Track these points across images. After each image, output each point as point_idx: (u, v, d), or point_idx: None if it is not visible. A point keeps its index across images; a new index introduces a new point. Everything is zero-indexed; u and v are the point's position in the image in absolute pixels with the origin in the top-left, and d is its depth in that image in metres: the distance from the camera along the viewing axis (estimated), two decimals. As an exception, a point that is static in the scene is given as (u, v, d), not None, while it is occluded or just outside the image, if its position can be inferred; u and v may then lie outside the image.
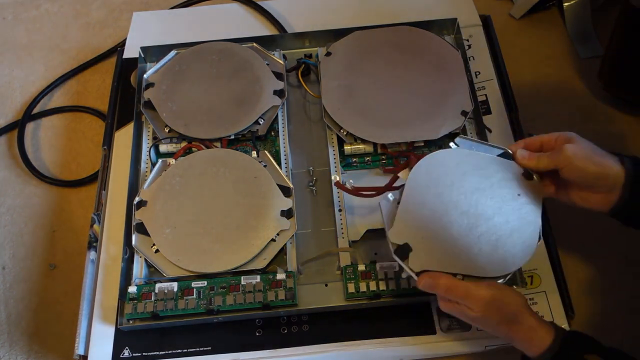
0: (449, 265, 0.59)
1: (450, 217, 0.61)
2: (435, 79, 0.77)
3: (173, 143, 0.77)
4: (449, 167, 0.64)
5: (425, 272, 0.59)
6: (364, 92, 0.77)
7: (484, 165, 0.64)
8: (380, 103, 0.76)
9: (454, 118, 0.74)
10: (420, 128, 0.73)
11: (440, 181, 0.63)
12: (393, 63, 0.79)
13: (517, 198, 0.63)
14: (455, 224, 0.61)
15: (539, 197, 0.63)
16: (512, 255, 0.60)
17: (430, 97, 0.76)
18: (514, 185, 0.63)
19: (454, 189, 0.63)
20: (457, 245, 0.60)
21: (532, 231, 0.62)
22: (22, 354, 0.74)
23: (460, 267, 0.59)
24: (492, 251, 0.60)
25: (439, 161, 0.64)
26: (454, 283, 0.58)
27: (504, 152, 0.65)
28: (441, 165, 0.64)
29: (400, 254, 0.60)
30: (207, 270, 0.66)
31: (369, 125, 0.74)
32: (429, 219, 0.61)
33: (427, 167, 0.64)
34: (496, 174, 0.64)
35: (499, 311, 0.57)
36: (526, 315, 0.57)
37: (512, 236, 0.61)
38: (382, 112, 0.75)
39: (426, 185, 0.63)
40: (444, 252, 0.60)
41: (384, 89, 0.77)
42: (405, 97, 0.76)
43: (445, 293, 0.58)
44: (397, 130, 0.74)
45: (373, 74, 0.78)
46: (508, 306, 0.57)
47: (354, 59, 0.80)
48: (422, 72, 0.78)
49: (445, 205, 0.62)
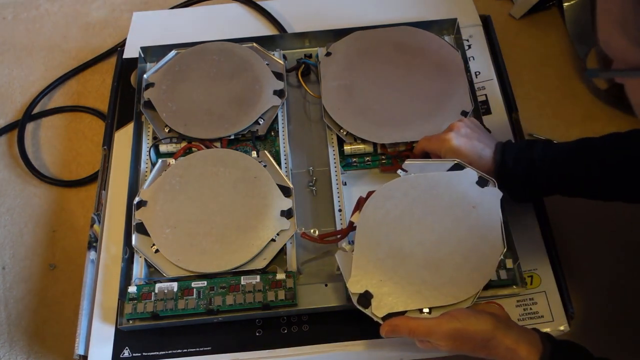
0: (413, 302, 0.58)
1: (406, 252, 0.60)
2: (435, 79, 0.77)
3: (173, 143, 0.77)
4: (398, 198, 0.62)
5: (390, 315, 0.58)
6: (364, 92, 0.77)
7: (434, 185, 0.63)
8: (380, 103, 0.76)
9: (454, 118, 0.74)
10: (420, 128, 0.73)
11: (389, 216, 0.61)
12: (393, 63, 0.79)
13: (473, 211, 0.61)
14: (412, 257, 0.60)
15: (496, 202, 0.62)
16: (479, 271, 0.59)
17: (431, 97, 0.76)
18: (468, 198, 0.62)
19: (405, 220, 0.61)
20: (419, 279, 0.59)
21: (495, 240, 0.60)
22: (22, 354, 0.74)
23: (425, 300, 0.58)
24: (457, 274, 0.59)
25: (386, 195, 0.63)
26: (414, 324, 0.56)
27: (455, 164, 0.64)
28: (389, 198, 0.63)
29: (363, 304, 0.59)
30: (207, 270, 0.66)
31: (369, 125, 0.74)
32: (385, 260, 0.60)
33: (374, 205, 0.62)
34: (448, 191, 0.62)
35: (468, 341, 0.54)
36: (500, 338, 0.53)
37: (475, 251, 0.59)
38: (382, 112, 0.75)
39: (377, 225, 0.61)
40: (406, 289, 0.59)
41: (384, 89, 0.77)
42: (405, 97, 0.76)
43: (410, 335, 0.57)
44: (397, 130, 0.74)
45: (373, 74, 0.78)
46: (475, 334, 0.54)
47: (354, 59, 0.80)
48: (422, 72, 0.78)
49: (399, 241, 0.60)
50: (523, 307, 0.66)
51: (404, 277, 0.59)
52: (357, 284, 0.60)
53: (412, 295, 0.59)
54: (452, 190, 0.63)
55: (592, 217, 0.64)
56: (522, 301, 0.67)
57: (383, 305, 0.59)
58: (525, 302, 0.67)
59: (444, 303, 0.59)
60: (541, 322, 0.65)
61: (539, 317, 0.66)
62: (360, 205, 0.63)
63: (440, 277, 0.59)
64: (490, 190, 0.63)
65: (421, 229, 0.61)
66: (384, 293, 0.59)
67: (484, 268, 0.59)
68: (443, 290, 0.59)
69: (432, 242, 0.60)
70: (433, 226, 0.61)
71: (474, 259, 0.59)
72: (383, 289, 0.59)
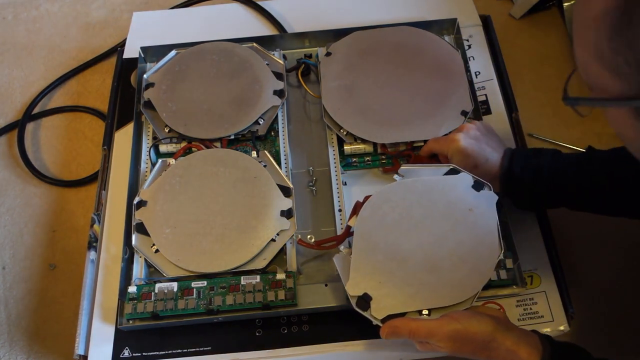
0: (412, 303, 0.58)
1: (404, 254, 0.60)
2: (435, 78, 0.77)
3: (173, 143, 0.77)
4: (395, 202, 0.63)
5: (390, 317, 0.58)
6: (364, 92, 0.77)
7: (430, 190, 0.63)
8: (380, 103, 0.76)
9: (454, 118, 0.74)
10: (420, 128, 0.73)
11: (387, 220, 0.62)
12: (393, 63, 0.79)
13: (469, 214, 0.61)
14: (411, 259, 0.60)
15: (492, 205, 0.62)
16: (478, 272, 0.59)
17: (431, 96, 0.76)
18: (464, 201, 0.62)
19: (403, 223, 0.62)
20: (417, 281, 0.59)
21: (492, 242, 0.60)
22: (22, 354, 0.74)
23: (424, 302, 0.58)
24: (455, 275, 0.59)
25: (383, 199, 0.63)
26: (415, 325, 0.56)
27: (451, 169, 0.64)
28: (386, 202, 0.63)
29: (362, 306, 0.59)
30: (207, 270, 0.66)
31: (369, 125, 0.74)
32: (383, 262, 0.60)
33: (372, 209, 0.63)
34: (444, 195, 0.63)
35: (468, 343, 0.54)
36: (500, 340, 0.54)
37: (472, 254, 0.60)
38: (382, 111, 0.75)
39: (374, 228, 0.62)
40: (405, 291, 0.59)
41: (384, 89, 0.77)
42: (405, 97, 0.76)
43: (410, 337, 0.57)
44: (397, 130, 0.74)
45: (373, 74, 0.78)
46: (475, 336, 0.54)
47: (354, 59, 0.80)
48: (422, 72, 0.78)
49: (397, 244, 0.61)
50: (523, 307, 0.67)
51: (402, 279, 0.59)
52: (356, 286, 0.60)
53: (411, 297, 0.59)
54: (448, 194, 0.63)
55: (592, 217, 0.64)
56: (522, 301, 0.67)
57: (382, 308, 0.59)
58: (525, 302, 0.67)
59: (443, 304, 0.59)
60: (541, 322, 0.65)
61: (539, 317, 0.66)
62: (357, 209, 0.64)
63: (438, 279, 0.59)
64: (486, 193, 0.63)
65: (419, 232, 0.61)
66: (382, 295, 0.59)
67: (482, 270, 0.59)
68: (442, 292, 0.59)
69: (430, 245, 0.60)
70: (430, 229, 0.61)
71: (472, 261, 0.59)
72: (382, 291, 0.59)
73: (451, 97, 0.76)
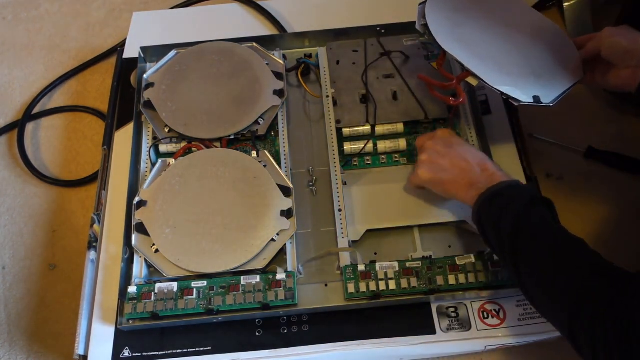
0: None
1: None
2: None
3: (173, 143, 0.77)
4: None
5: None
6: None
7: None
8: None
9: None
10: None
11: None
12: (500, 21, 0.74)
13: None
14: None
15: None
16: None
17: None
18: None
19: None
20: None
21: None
22: (22, 354, 0.74)
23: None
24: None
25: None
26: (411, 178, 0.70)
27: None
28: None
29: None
30: (207, 270, 0.66)
31: None
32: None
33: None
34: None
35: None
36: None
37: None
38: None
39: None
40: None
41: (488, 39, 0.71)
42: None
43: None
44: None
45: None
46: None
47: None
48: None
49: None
50: (523, 307, 0.67)
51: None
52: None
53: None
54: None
55: (592, 217, 0.64)
56: (522, 301, 0.67)
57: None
58: (526, 302, 0.66)
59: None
60: (541, 322, 0.65)
61: (539, 317, 0.65)
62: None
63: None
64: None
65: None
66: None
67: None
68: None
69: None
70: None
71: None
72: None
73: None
